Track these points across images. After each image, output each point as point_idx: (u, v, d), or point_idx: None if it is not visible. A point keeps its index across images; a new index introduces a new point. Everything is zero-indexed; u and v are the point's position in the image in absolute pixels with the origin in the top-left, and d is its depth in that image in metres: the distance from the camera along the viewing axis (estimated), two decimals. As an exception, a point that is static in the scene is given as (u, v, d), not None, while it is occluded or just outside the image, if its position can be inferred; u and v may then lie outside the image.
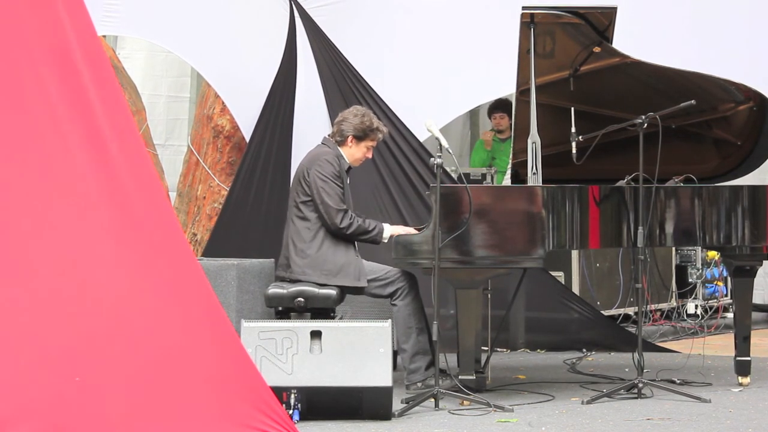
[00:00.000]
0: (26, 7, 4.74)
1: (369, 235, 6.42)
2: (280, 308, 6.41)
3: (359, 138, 6.52)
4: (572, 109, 6.58)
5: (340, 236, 6.39)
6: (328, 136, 6.61)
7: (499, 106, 9.53)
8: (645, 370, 6.35)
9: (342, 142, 6.54)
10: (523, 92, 6.67)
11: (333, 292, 6.34)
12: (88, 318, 4.55)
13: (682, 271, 9.53)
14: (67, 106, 4.71)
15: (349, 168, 6.58)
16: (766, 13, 8.16)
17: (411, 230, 6.46)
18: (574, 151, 6.51)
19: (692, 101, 6.39)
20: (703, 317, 9.40)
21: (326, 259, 6.39)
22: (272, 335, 5.73)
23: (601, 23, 6.58)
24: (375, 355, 5.71)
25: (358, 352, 5.71)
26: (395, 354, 6.59)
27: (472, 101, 8.73)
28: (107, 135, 4.76)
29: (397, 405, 5.86)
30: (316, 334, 5.75)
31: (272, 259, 6.94)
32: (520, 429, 5.57)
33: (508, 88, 7.62)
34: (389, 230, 6.43)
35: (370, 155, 6.65)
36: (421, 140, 7.90)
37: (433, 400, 5.96)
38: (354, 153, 6.55)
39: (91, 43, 4.86)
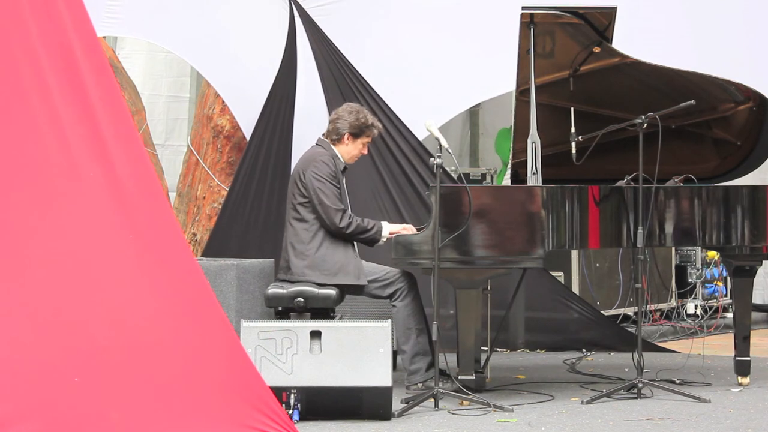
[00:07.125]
0: (27, 7, 4.74)
1: (368, 234, 6.42)
2: (280, 308, 6.40)
3: (355, 135, 6.53)
4: (572, 109, 6.58)
5: (340, 236, 6.39)
6: (323, 135, 6.61)
7: None
8: (645, 370, 6.35)
9: (338, 140, 6.54)
10: (522, 92, 6.67)
11: (333, 292, 6.34)
12: (88, 317, 4.55)
13: (681, 271, 9.53)
14: (67, 107, 4.71)
15: (345, 168, 6.58)
16: (765, 13, 8.16)
17: (409, 228, 6.47)
18: (573, 151, 6.51)
19: (692, 101, 6.39)
20: (702, 317, 9.40)
21: (325, 259, 6.38)
22: (272, 335, 5.73)
23: (601, 23, 6.58)
24: (375, 355, 5.71)
25: (357, 352, 5.71)
26: (395, 354, 6.59)
27: (471, 100, 8.74)
28: (107, 135, 4.77)
29: (396, 405, 5.86)
30: (315, 334, 5.75)
31: (272, 260, 6.94)
32: (520, 429, 5.57)
33: (507, 88, 7.61)
34: (388, 228, 6.43)
35: (365, 151, 6.64)
36: (421, 140, 7.91)
37: (432, 400, 5.96)
38: (350, 150, 6.55)
39: (91, 43, 4.87)
